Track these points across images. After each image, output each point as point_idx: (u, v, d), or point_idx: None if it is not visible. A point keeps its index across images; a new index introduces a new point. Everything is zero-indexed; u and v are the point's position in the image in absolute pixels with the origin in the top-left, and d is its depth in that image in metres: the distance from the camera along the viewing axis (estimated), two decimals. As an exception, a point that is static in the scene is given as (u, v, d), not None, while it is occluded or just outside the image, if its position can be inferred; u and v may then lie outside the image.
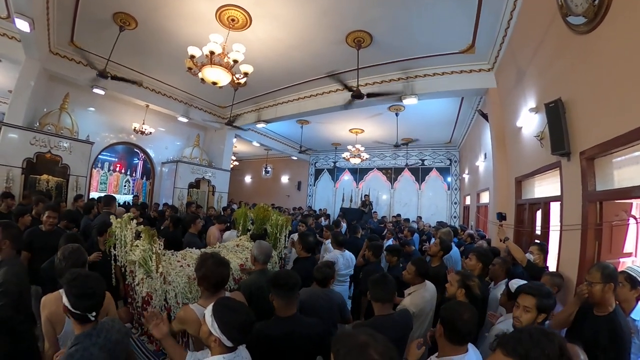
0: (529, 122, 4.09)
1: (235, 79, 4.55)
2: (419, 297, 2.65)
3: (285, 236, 4.13)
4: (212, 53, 4.14)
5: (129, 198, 10.13)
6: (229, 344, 1.42)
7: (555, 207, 3.65)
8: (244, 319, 1.45)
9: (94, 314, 1.52)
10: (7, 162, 6.09)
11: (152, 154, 9.97)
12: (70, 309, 1.49)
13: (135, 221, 2.92)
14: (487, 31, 4.87)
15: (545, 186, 3.92)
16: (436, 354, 1.70)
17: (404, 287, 2.84)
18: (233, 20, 4.93)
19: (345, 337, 1.12)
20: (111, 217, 2.96)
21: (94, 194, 8.87)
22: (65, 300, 1.50)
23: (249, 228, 4.35)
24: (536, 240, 3.86)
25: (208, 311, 1.46)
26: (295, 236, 5.04)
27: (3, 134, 6.10)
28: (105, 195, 6.01)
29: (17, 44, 5.81)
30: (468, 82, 5.96)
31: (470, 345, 1.67)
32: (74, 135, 7.19)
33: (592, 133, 2.66)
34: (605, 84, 2.51)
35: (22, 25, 4.50)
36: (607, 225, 2.70)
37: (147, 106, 8.95)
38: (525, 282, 2.26)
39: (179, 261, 2.87)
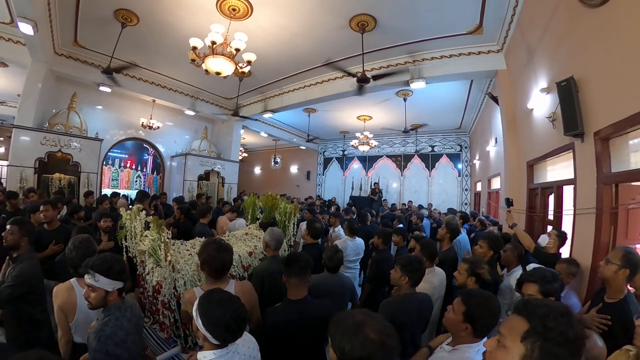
0: (540, 103, 3.96)
1: (238, 67, 4.52)
2: (427, 282, 2.64)
3: (293, 224, 4.15)
4: (213, 43, 4.10)
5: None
6: (215, 342, 1.31)
7: (568, 191, 3.54)
8: (229, 316, 1.29)
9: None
10: (20, 163, 6.31)
11: (161, 149, 10.11)
12: (120, 287, 1.67)
13: (144, 212, 2.97)
14: (494, 10, 4.68)
15: (558, 170, 3.82)
16: (447, 342, 1.66)
17: None
18: (234, 9, 4.87)
19: (342, 317, 1.11)
20: (121, 209, 3.02)
21: (106, 190, 9.03)
22: (111, 284, 1.62)
23: (258, 217, 4.38)
24: (549, 226, 3.77)
25: (195, 304, 1.35)
26: (303, 225, 5.08)
27: (14, 136, 6.30)
28: (138, 191, 6.21)
29: (22, 48, 5.91)
30: (477, 64, 5.80)
31: None
32: (83, 134, 7.35)
33: (607, 112, 2.56)
34: (620, 59, 2.39)
35: (26, 28, 4.54)
36: (623, 209, 2.61)
37: (154, 101, 9.04)
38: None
39: (187, 250, 2.91)
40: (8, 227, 2.36)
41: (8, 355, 1.27)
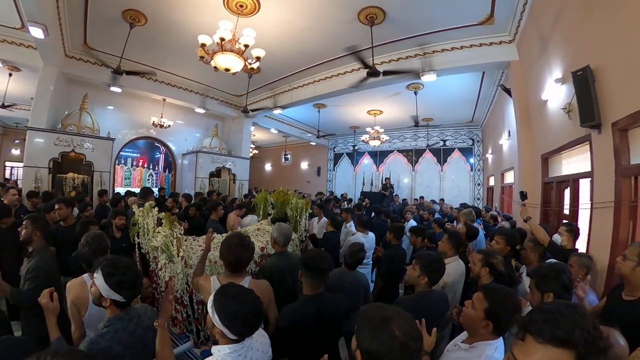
0: (555, 94, 3.85)
1: (247, 64, 4.52)
2: (452, 268, 2.68)
3: (305, 219, 4.16)
4: (222, 39, 4.11)
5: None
6: (232, 337, 1.30)
7: (584, 185, 3.45)
8: (247, 310, 1.29)
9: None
10: (34, 164, 6.50)
11: (172, 147, 10.25)
12: (120, 299, 1.49)
13: (156, 209, 3.01)
14: (506, -2, 4.56)
15: (574, 163, 3.72)
16: (461, 339, 1.60)
17: None
18: (241, 6, 4.86)
19: (373, 308, 1.09)
20: (133, 206, 3.07)
21: (119, 189, 9.21)
22: (107, 291, 1.47)
23: (270, 212, 4.40)
24: (564, 221, 3.67)
25: (210, 300, 1.34)
26: (314, 221, 5.09)
27: (29, 138, 6.49)
28: (142, 188, 6.32)
29: (34, 52, 6.03)
30: (488, 55, 5.66)
31: None
32: (95, 134, 7.51)
33: (625, 102, 2.47)
34: (638, 46, 2.30)
35: (36, 32, 4.64)
36: (643, 203, 2.53)
37: (164, 100, 9.14)
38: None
39: (200, 245, 2.94)
40: (24, 222, 2.48)
41: (28, 352, 1.26)
